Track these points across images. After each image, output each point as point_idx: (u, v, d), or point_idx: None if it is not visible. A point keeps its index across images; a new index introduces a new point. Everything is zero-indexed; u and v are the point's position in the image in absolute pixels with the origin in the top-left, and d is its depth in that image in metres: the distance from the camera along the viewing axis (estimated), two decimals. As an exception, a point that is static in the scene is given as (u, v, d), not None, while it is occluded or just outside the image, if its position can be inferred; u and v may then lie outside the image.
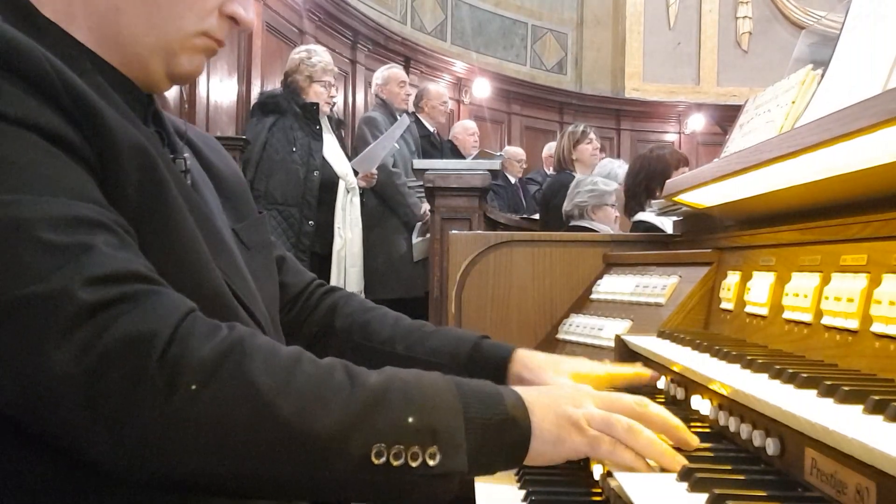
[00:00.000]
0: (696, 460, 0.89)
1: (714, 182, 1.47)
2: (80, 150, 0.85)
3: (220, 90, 5.33)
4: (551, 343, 2.04)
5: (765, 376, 0.98)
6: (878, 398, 0.76)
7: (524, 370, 1.22)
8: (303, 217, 4.25)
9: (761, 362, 1.02)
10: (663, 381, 1.30)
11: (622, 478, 0.86)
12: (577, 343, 1.90)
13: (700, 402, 1.11)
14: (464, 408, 0.86)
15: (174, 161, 1.05)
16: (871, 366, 0.96)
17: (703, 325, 1.57)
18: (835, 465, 0.75)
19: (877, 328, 0.96)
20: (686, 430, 0.95)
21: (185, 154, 1.09)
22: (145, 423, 0.75)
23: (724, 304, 1.48)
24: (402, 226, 4.77)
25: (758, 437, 0.90)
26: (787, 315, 1.20)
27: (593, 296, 2.04)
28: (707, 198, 1.65)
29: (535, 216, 5.34)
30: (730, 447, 0.98)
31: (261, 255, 1.17)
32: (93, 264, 0.78)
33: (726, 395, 0.99)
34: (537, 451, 0.89)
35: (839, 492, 0.74)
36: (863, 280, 1.01)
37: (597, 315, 1.93)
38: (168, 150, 1.06)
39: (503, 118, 9.60)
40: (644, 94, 10.08)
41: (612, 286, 1.96)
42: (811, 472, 0.80)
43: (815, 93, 1.36)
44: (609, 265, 2.09)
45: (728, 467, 0.89)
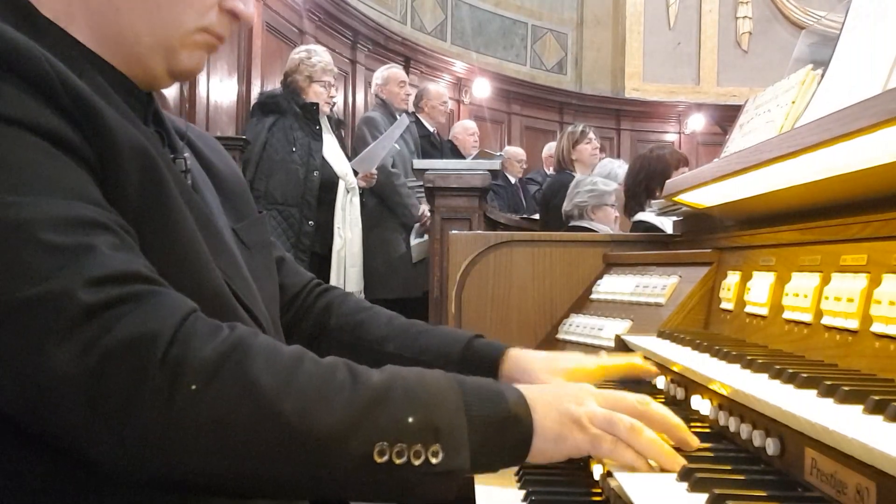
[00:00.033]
0: (696, 460, 0.89)
1: (714, 182, 1.47)
2: (81, 150, 0.84)
3: (220, 90, 5.33)
4: (551, 343, 2.04)
5: (765, 376, 0.98)
6: (878, 398, 0.76)
7: (515, 370, 1.22)
8: (303, 217, 4.25)
9: (761, 362, 1.02)
10: (663, 381, 1.30)
11: (622, 478, 0.86)
12: (578, 343, 1.90)
13: (700, 402, 1.11)
14: (466, 406, 0.86)
15: (174, 161, 1.05)
16: (871, 366, 0.96)
17: (703, 325, 1.57)
18: (835, 465, 0.75)
19: (877, 328, 0.96)
20: (687, 431, 0.95)
21: (185, 154, 1.09)
22: (147, 423, 0.75)
23: (724, 304, 1.49)
24: (401, 226, 4.77)
25: (758, 437, 0.90)
26: (787, 315, 1.20)
27: (593, 296, 2.04)
28: (707, 198, 1.65)
29: (535, 216, 5.34)
30: (730, 447, 0.98)
31: (261, 254, 1.17)
32: (94, 265, 0.77)
33: (726, 395, 0.99)
34: (539, 448, 0.89)
35: (839, 492, 0.74)
36: (863, 280, 1.02)
37: (597, 315, 1.93)
38: (168, 150, 1.06)
39: (503, 118, 9.60)
40: (644, 94, 10.08)
41: (612, 286, 1.96)
42: (811, 472, 0.80)
43: (815, 93, 1.36)
44: (609, 265, 2.09)
45: (728, 467, 0.89)
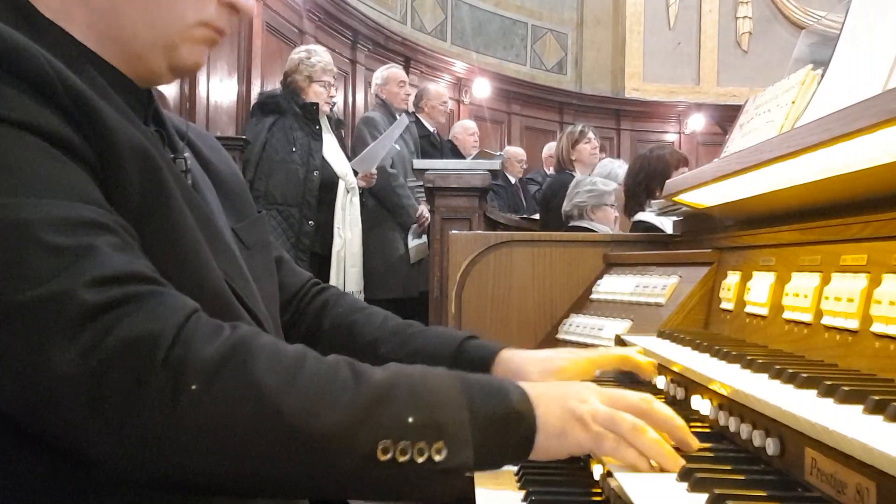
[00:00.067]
0: (696, 460, 0.89)
1: (714, 182, 1.47)
2: (81, 151, 0.84)
3: (219, 90, 5.33)
4: (551, 343, 2.04)
5: (765, 376, 0.98)
6: (878, 398, 0.76)
7: (507, 372, 1.21)
8: (302, 217, 4.25)
9: (761, 362, 1.02)
10: (663, 381, 1.30)
11: (622, 478, 0.86)
12: (578, 343, 1.90)
13: (700, 402, 1.11)
14: (469, 402, 0.86)
15: (174, 161, 1.05)
16: (871, 366, 0.96)
17: (703, 325, 1.57)
18: (835, 465, 0.75)
19: (877, 328, 0.96)
20: (688, 432, 0.95)
21: (186, 154, 1.09)
22: (148, 424, 0.75)
23: (724, 304, 1.49)
24: (400, 227, 4.77)
25: (758, 437, 0.90)
26: (787, 315, 1.20)
27: (593, 296, 2.04)
28: (707, 198, 1.65)
29: (535, 216, 5.34)
30: (730, 447, 0.98)
31: (260, 254, 1.17)
32: (95, 266, 0.77)
33: (726, 395, 0.99)
34: (542, 445, 0.89)
35: (839, 492, 0.74)
36: (863, 280, 1.02)
37: (597, 315, 1.93)
38: (168, 150, 1.06)
39: (503, 118, 9.60)
40: (644, 94, 10.08)
41: (612, 286, 1.96)
42: (811, 472, 0.80)
43: (815, 93, 1.36)
44: (609, 265, 2.10)
45: (728, 467, 0.89)
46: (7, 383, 0.76)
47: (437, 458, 0.81)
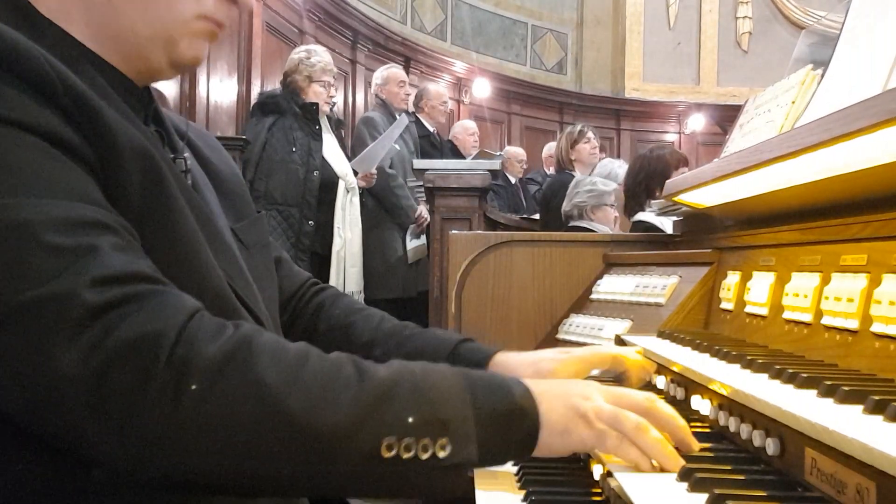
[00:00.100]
0: (696, 460, 0.89)
1: (714, 182, 1.47)
2: (81, 151, 0.84)
3: (219, 90, 5.33)
4: (551, 343, 2.04)
5: (765, 376, 0.98)
6: (878, 398, 0.76)
7: None
8: (302, 217, 4.25)
9: (761, 362, 1.02)
10: (663, 381, 1.30)
11: (622, 478, 0.86)
12: (578, 343, 1.90)
13: (700, 402, 1.11)
14: (472, 399, 0.86)
15: (174, 161, 1.05)
16: (871, 366, 0.96)
17: (703, 325, 1.57)
18: (835, 465, 0.75)
19: (877, 328, 0.96)
20: (689, 433, 0.94)
21: (186, 154, 1.09)
22: (150, 424, 0.75)
23: (724, 304, 1.49)
24: (399, 227, 4.77)
25: (758, 437, 0.90)
26: (787, 315, 1.20)
27: (593, 296, 2.04)
28: (707, 198, 1.65)
29: (535, 216, 5.34)
30: (730, 447, 0.98)
31: (260, 254, 1.17)
32: (97, 266, 0.77)
33: (726, 395, 0.99)
34: (546, 441, 0.89)
35: (839, 492, 0.74)
36: (863, 280, 1.02)
37: (597, 315, 1.93)
38: (168, 150, 1.06)
39: (503, 118, 9.60)
40: (644, 94, 10.08)
41: (612, 286, 1.96)
42: (811, 472, 0.80)
43: (815, 93, 1.36)
44: (609, 265, 2.10)
45: (728, 467, 0.89)
46: (8, 383, 0.76)
47: (442, 454, 0.81)
